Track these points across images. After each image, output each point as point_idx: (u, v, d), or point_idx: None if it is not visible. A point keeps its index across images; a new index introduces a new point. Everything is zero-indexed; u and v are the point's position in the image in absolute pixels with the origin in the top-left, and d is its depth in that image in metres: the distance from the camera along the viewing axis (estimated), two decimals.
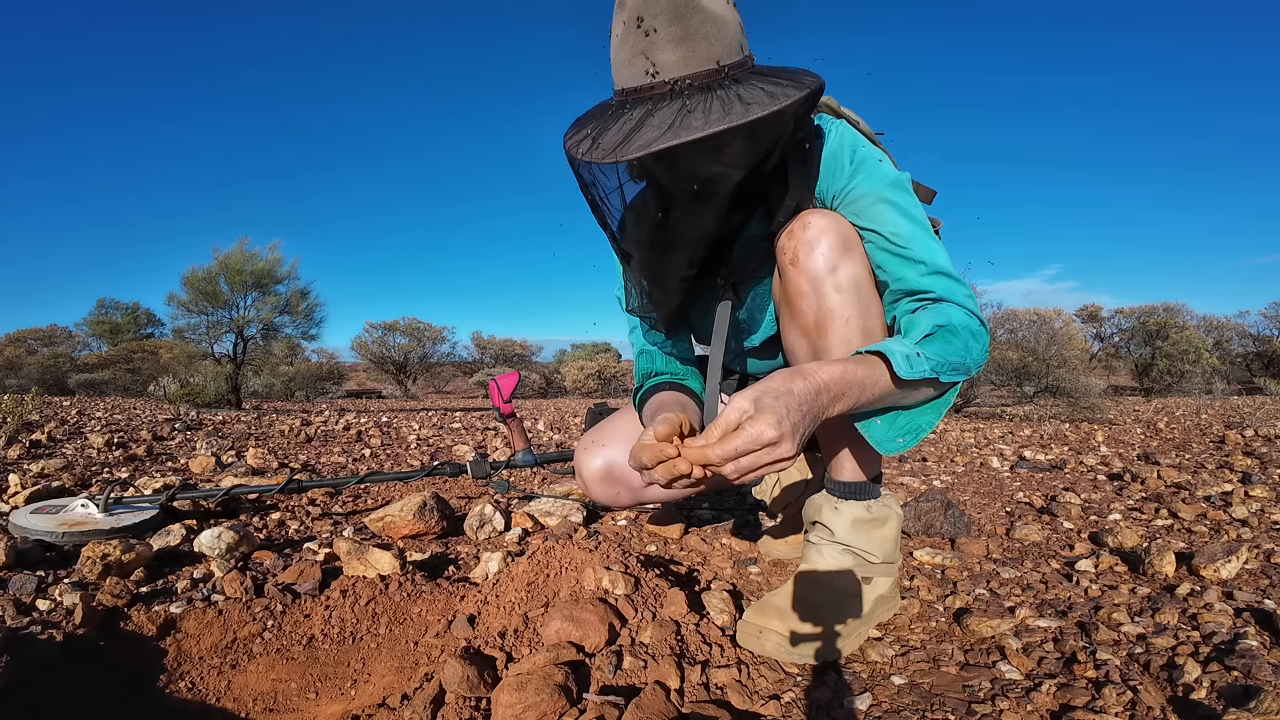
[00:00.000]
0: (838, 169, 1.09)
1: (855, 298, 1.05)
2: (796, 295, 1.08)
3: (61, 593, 1.22)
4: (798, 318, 1.09)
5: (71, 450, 3.15)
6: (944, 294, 1.02)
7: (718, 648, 1.03)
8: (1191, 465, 2.90)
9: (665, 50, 0.90)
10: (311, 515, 1.92)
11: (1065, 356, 7.57)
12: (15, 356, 14.64)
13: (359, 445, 3.79)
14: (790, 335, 1.14)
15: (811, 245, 1.05)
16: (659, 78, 0.91)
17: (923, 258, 1.03)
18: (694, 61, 0.90)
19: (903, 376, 0.93)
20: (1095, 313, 16.52)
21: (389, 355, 18.39)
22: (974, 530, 1.76)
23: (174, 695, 1.05)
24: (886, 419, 1.03)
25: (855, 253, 1.06)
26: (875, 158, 1.09)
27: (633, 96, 0.93)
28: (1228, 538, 1.63)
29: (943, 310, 1.00)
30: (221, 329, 9.33)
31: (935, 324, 0.98)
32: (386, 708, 0.97)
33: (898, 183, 1.08)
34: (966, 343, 0.99)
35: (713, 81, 0.90)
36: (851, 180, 1.08)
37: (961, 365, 0.99)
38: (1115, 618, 1.14)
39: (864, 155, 1.09)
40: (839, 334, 1.05)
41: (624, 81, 0.95)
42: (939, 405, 1.06)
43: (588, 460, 1.30)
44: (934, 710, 0.89)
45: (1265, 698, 0.83)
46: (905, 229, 1.04)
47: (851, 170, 1.08)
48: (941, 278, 1.03)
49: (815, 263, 1.05)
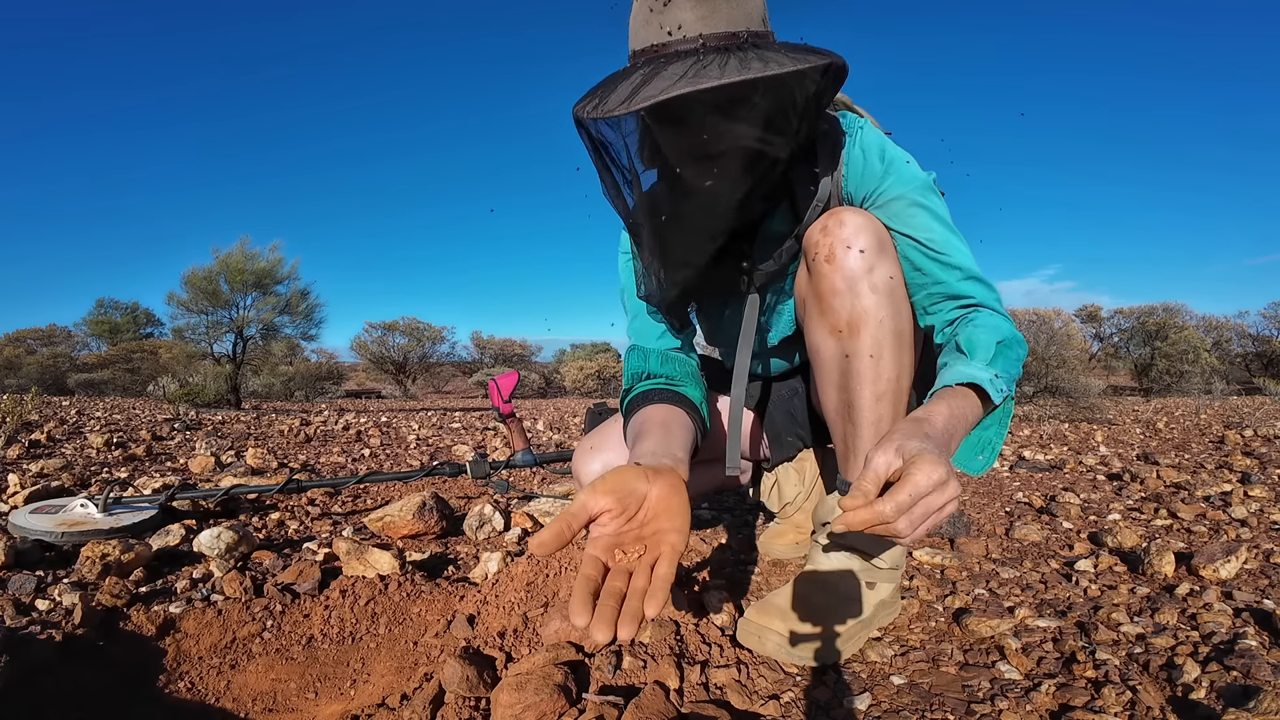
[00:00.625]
0: (868, 169, 1.06)
1: (890, 300, 1.03)
2: (830, 294, 1.05)
3: (61, 593, 1.22)
4: (828, 316, 1.06)
5: (71, 450, 3.15)
6: (982, 299, 1.03)
7: (717, 647, 1.03)
8: (1191, 465, 2.90)
9: (684, 10, 0.88)
10: (311, 515, 1.92)
11: (1064, 356, 7.57)
12: (14, 356, 14.63)
13: (358, 445, 3.79)
14: (817, 334, 1.10)
15: (849, 243, 1.02)
16: (674, 36, 0.88)
17: (959, 263, 1.03)
18: (714, 22, 0.88)
19: (996, 403, 0.94)
20: (1094, 313, 16.53)
21: (388, 355, 18.38)
22: (973, 530, 1.76)
23: (173, 695, 1.05)
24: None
25: (890, 254, 1.04)
26: (904, 158, 1.07)
27: (648, 55, 0.90)
28: (1227, 538, 1.63)
29: (989, 321, 1.01)
30: (221, 329, 9.33)
31: (995, 340, 0.98)
32: (386, 708, 0.97)
33: (928, 185, 1.06)
34: (1019, 354, 1.01)
35: (732, 44, 0.87)
36: (884, 181, 1.06)
37: (1018, 375, 1.01)
38: (1115, 618, 1.14)
39: (893, 155, 1.07)
40: (871, 336, 1.03)
41: (639, 43, 0.92)
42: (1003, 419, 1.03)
43: (586, 466, 1.27)
44: (933, 710, 0.89)
45: (1265, 698, 0.83)
46: (939, 233, 1.04)
47: (883, 170, 1.06)
48: (976, 283, 1.04)
49: (852, 261, 1.02)
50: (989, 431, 1.05)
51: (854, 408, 1.07)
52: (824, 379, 1.11)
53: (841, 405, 1.09)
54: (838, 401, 1.10)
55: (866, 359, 1.04)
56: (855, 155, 1.07)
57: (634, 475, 0.74)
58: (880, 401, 1.05)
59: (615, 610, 0.62)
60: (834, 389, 1.10)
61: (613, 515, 0.71)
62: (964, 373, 0.92)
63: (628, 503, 0.72)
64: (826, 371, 1.11)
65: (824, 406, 1.15)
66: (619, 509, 0.71)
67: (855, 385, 1.06)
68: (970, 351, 0.99)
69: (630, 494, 0.72)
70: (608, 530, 0.70)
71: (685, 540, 0.70)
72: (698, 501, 2.16)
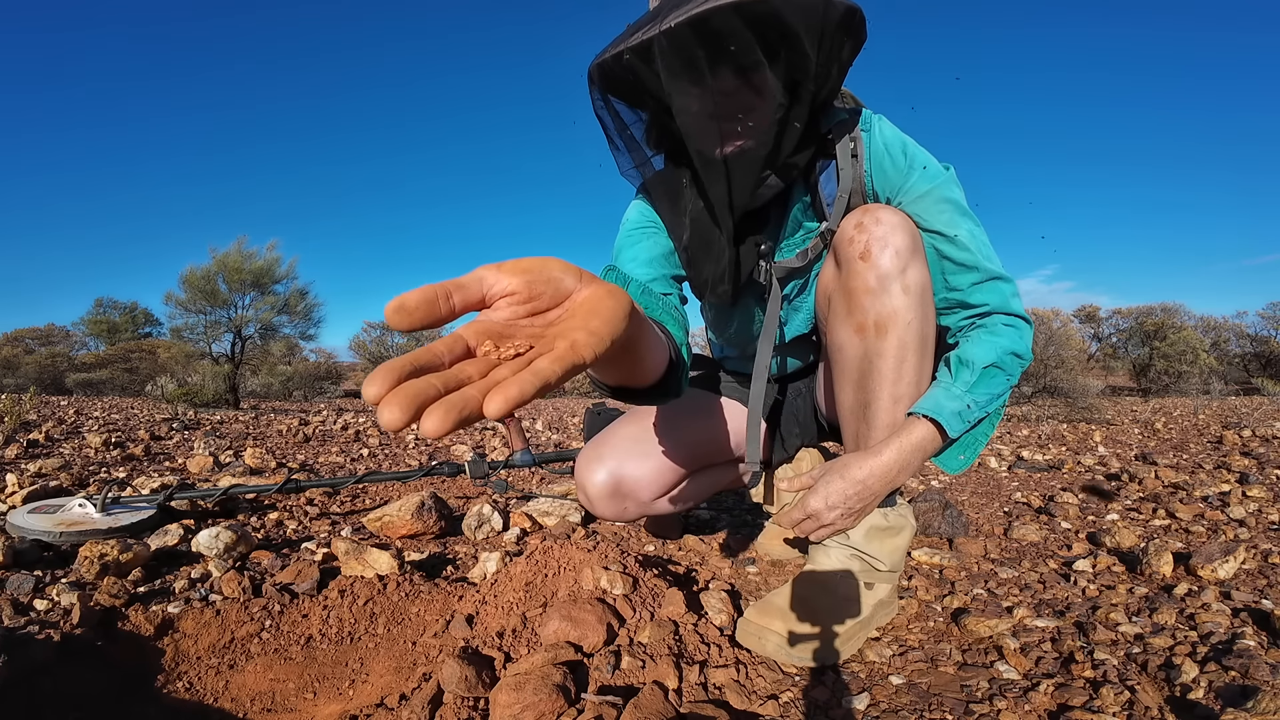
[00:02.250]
0: (893, 165, 1.06)
1: (920, 302, 1.03)
2: (862, 292, 1.03)
3: (59, 593, 1.22)
4: (855, 314, 1.05)
5: (69, 450, 3.15)
6: (995, 305, 1.05)
7: (716, 648, 1.03)
8: (1189, 465, 2.91)
9: None
10: (309, 515, 1.92)
11: (1063, 357, 7.58)
12: (13, 356, 14.61)
13: (357, 445, 3.78)
14: (841, 331, 1.08)
15: (885, 242, 1.01)
16: None
17: (978, 263, 1.04)
18: None
19: (953, 437, 1.02)
20: (1093, 313, 16.54)
21: (387, 355, 18.37)
22: (972, 530, 1.76)
23: (171, 695, 1.05)
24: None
25: (922, 255, 1.04)
26: (925, 155, 1.07)
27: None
28: (1225, 538, 1.63)
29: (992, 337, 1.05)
30: (219, 328, 9.33)
31: (986, 363, 1.02)
32: (384, 708, 0.97)
33: (953, 179, 1.06)
34: (1011, 370, 1.04)
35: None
36: (909, 177, 1.05)
37: (1007, 389, 1.06)
38: (1113, 618, 1.14)
39: (914, 151, 1.07)
40: (898, 337, 1.03)
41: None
42: (992, 420, 1.10)
43: (590, 475, 1.25)
44: (932, 710, 0.90)
45: (1263, 698, 0.83)
46: (964, 231, 1.04)
47: (907, 166, 1.05)
48: (995, 284, 1.05)
49: (887, 260, 1.01)
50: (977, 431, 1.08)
51: (870, 408, 1.07)
52: (842, 377, 1.11)
53: (858, 405, 1.09)
54: (854, 401, 1.10)
55: (890, 360, 1.04)
56: (878, 149, 1.06)
57: (560, 266, 0.49)
58: (898, 404, 1.06)
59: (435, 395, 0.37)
60: (851, 387, 1.10)
61: (513, 302, 0.47)
62: (934, 405, 1.01)
63: (539, 291, 0.47)
64: (846, 370, 1.10)
65: (838, 404, 1.15)
66: (525, 295, 0.47)
67: (875, 386, 1.06)
68: (957, 373, 1.05)
69: (547, 282, 0.48)
70: (497, 317, 0.47)
71: (600, 346, 0.43)
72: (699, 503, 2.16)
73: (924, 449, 1.03)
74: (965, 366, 1.04)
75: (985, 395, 1.03)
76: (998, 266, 1.06)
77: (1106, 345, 16.11)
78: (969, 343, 1.06)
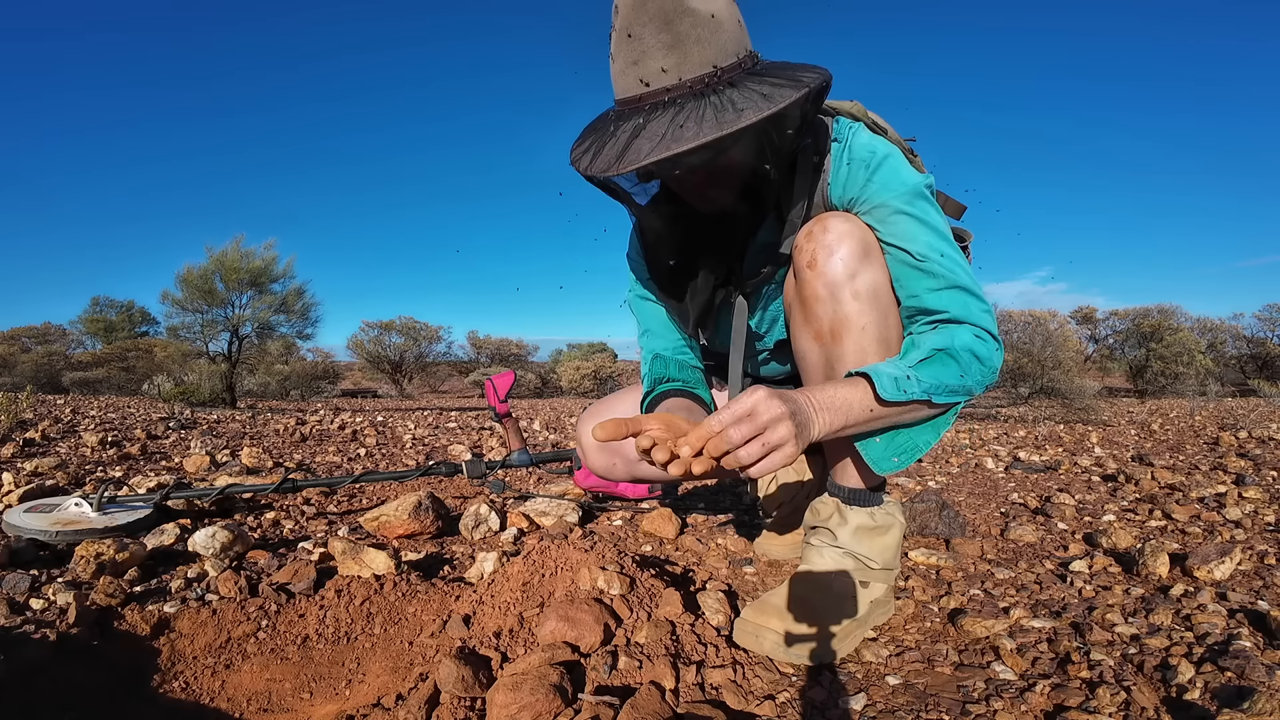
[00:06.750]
0: (852, 175, 1.06)
1: (873, 306, 1.03)
2: (813, 300, 1.06)
3: (55, 592, 1.22)
4: (812, 323, 1.07)
5: (65, 449, 3.14)
6: (958, 313, 1.02)
7: (713, 648, 1.03)
8: (1185, 467, 2.91)
9: (656, 58, 0.90)
10: (306, 515, 1.92)
11: (1060, 358, 7.60)
12: (9, 354, 14.56)
13: (354, 444, 3.78)
14: (802, 340, 1.11)
15: (831, 249, 1.03)
16: (651, 87, 0.91)
17: (938, 271, 1.02)
18: (686, 68, 0.90)
19: (886, 399, 0.95)
20: (1090, 314, 16.57)
21: (385, 354, 18.34)
22: (969, 531, 1.77)
23: (168, 695, 1.05)
24: (885, 438, 1.04)
25: (875, 259, 1.04)
26: (894, 162, 1.06)
27: (630, 107, 0.94)
28: (1221, 539, 1.64)
29: (949, 332, 1.01)
30: (216, 328, 9.30)
31: (936, 347, 0.99)
32: (381, 708, 0.97)
33: (916, 190, 1.05)
34: (967, 366, 1.00)
35: (706, 87, 0.90)
36: (867, 187, 1.05)
37: (960, 387, 1.00)
38: (1109, 618, 1.14)
39: (882, 159, 1.05)
40: (854, 342, 1.04)
41: (621, 92, 0.95)
42: (938, 424, 1.06)
43: (587, 428, 1.32)
44: (929, 710, 0.90)
45: (1259, 698, 0.83)
46: (922, 241, 1.03)
47: (868, 175, 1.05)
48: (957, 293, 1.02)
49: (834, 268, 1.02)
50: (920, 436, 1.06)
51: None
52: (810, 384, 1.12)
53: None
54: None
55: (850, 364, 1.04)
56: (840, 161, 1.07)
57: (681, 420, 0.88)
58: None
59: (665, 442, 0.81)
60: None
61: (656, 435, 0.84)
62: (871, 368, 0.97)
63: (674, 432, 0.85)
64: (811, 376, 1.12)
65: None
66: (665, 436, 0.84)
67: None
68: (905, 352, 1.03)
69: (676, 426, 0.87)
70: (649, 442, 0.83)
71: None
72: (694, 502, 2.16)
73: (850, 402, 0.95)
74: (915, 348, 1.02)
75: (930, 377, 0.98)
76: (964, 280, 1.03)
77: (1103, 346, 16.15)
78: (925, 334, 1.04)
